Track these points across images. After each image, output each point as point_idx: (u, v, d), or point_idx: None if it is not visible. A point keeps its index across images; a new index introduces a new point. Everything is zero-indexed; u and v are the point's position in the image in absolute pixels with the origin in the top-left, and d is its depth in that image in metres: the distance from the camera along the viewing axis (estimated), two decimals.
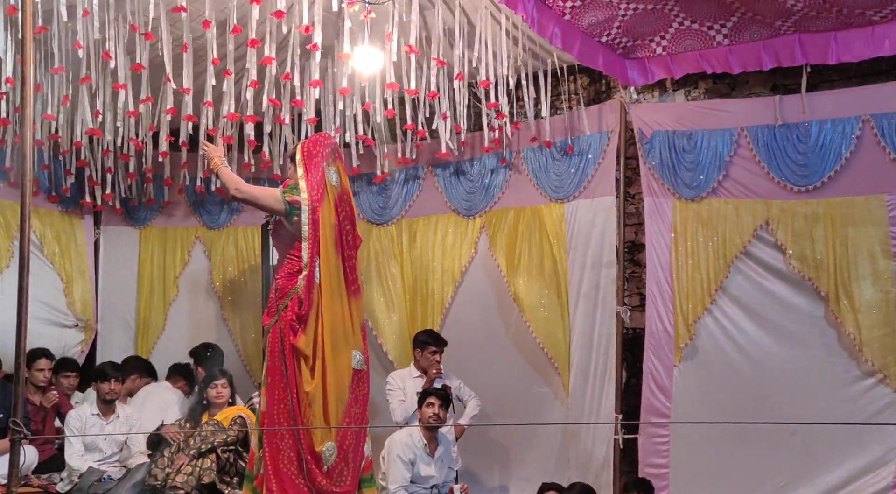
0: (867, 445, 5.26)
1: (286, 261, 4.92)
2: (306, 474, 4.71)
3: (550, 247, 6.24)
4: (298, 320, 4.78)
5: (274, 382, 4.72)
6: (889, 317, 5.27)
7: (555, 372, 6.18)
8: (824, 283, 5.41)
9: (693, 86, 5.98)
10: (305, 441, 4.71)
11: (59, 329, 6.90)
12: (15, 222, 6.32)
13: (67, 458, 5.69)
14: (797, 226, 5.50)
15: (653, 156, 5.87)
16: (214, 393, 5.61)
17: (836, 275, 5.38)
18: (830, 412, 5.28)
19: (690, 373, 5.72)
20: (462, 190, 6.70)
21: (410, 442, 5.44)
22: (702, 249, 5.74)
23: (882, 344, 5.26)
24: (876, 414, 5.23)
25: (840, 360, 5.38)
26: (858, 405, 5.30)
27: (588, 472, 5.88)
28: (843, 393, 5.35)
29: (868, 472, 5.25)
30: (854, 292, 5.33)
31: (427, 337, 6.15)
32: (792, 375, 5.46)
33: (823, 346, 5.43)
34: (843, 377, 5.36)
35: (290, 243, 4.94)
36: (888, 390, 5.25)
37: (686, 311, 5.74)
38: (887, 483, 5.18)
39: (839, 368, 5.37)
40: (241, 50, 5.25)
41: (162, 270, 7.47)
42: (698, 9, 5.16)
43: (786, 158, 5.54)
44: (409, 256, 6.89)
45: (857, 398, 5.32)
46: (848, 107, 5.41)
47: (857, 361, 5.33)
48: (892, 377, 5.24)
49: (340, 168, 5.14)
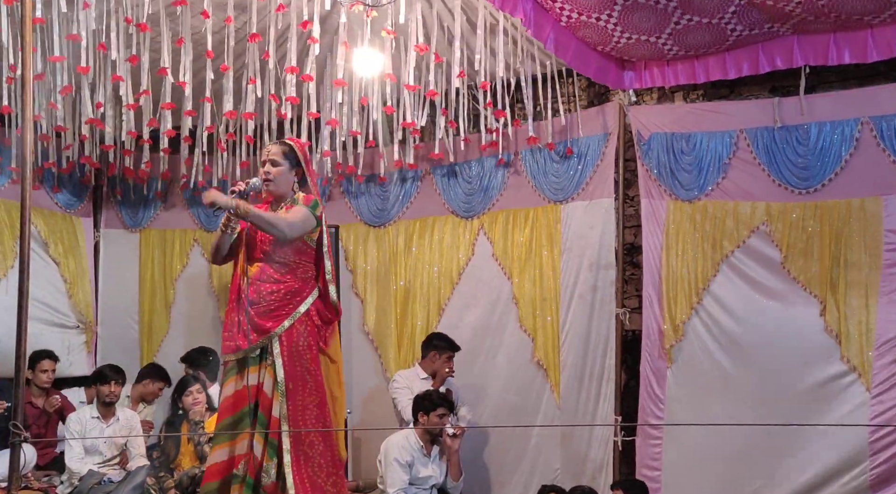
0: (840, 445, 5.25)
1: (296, 266, 4.50)
2: (336, 481, 4.51)
3: (545, 248, 6.25)
4: (327, 324, 4.59)
5: (297, 387, 4.40)
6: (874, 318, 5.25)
7: (545, 373, 6.19)
8: (816, 285, 5.40)
9: (692, 88, 5.98)
10: (335, 447, 4.52)
11: (60, 331, 6.91)
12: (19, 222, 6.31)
13: (67, 461, 5.70)
14: (794, 227, 5.49)
15: (651, 158, 5.88)
16: (190, 400, 5.59)
17: (830, 276, 5.37)
18: (804, 411, 5.28)
19: (681, 374, 5.73)
20: (460, 192, 6.70)
21: (407, 445, 5.44)
22: (691, 250, 5.75)
23: (860, 345, 5.25)
24: (849, 414, 5.21)
25: (818, 360, 5.35)
26: (832, 406, 5.29)
27: (583, 475, 5.89)
28: (818, 393, 5.34)
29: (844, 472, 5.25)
30: (845, 293, 5.31)
31: (446, 343, 6.11)
32: (776, 376, 5.44)
33: (803, 348, 5.39)
34: (817, 376, 5.35)
35: (298, 249, 4.52)
36: (862, 388, 5.24)
37: (674, 312, 5.75)
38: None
39: (815, 368, 5.35)
40: (241, 46, 5.27)
41: (162, 272, 7.50)
42: (693, 39, 5.22)
43: (786, 161, 5.53)
44: (406, 257, 6.89)
45: (831, 399, 5.31)
46: (847, 109, 5.40)
47: (835, 361, 5.31)
48: (866, 377, 5.23)
49: None
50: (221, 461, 4.37)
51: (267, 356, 4.39)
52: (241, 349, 4.38)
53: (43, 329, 6.62)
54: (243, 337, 4.35)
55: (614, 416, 5.87)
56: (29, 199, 3.64)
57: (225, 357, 4.49)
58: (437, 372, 6.02)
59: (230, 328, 4.44)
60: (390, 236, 6.97)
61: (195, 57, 5.32)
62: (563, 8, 5.03)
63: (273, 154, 4.49)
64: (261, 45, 5.27)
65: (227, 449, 4.40)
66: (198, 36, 5.27)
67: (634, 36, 5.23)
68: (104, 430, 5.80)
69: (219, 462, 4.38)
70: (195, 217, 7.50)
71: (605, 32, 5.21)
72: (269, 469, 4.34)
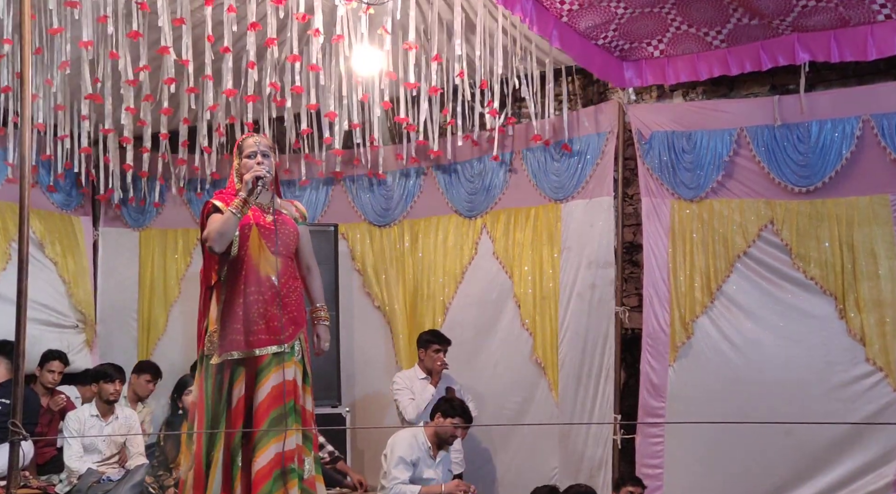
0: (867, 444, 5.25)
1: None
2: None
3: (545, 247, 6.26)
4: None
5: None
6: (894, 316, 5.25)
7: (543, 371, 6.20)
8: (830, 282, 5.40)
9: (691, 87, 5.99)
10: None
11: (59, 331, 6.91)
12: (13, 223, 6.29)
13: (66, 459, 5.69)
14: (801, 226, 5.49)
15: (651, 156, 5.87)
16: (190, 400, 5.57)
17: (842, 275, 5.37)
18: (829, 411, 5.27)
19: (685, 373, 5.72)
20: (463, 191, 6.73)
21: (415, 443, 5.41)
22: (700, 249, 5.74)
23: (883, 344, 5.25)
24: (877, 413, 5.21)
25: (841, 360, 5.36)
26: (857, 405, 5.29)
27: (580, 473, 5.89)
28: (843, 393, 5.33)
29: (869, 471, 5.24)
30: (860, 291, 5.32)
31: (430, 336, 6.19)
32: (790, 375, 5.44)
33: (823, 346, 5.41)
34: (842, 377, 5.35)
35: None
36: (889, 389, 5.23)
37: (683, 311, 5.73)
38: (888, 481, 5.17)
39: (838, 368, 5.36)
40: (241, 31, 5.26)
41: (163, 271, 7.48)
42: (695, 12, 5.16)
43: (786, 159, 5.53)
44: (410, 257, 6.91)
45: (855, 398, 5.31)
46: (847, 107, 5.40)
47: (858, 361, 5.31)
48: (893, 377, 5.22)
49: None
50: (269, 461, 4.06)
51: (296, 351, 4.23)
52: (280, 344, 4.14)
53: (42, 331, 6.60)
54: (278, 332, 4.12)
55: (613, 415, 5.87)
56: (28, 197, 3.63)
57: (244, 354, 4.12)
58: (431, 368, 6.04)
59: (256, 323, 4.13)
60: (395, 235, 6.98)
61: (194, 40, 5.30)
62: (564, 1, 5.02)
63: (265, 146, 4.24)
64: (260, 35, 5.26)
65: (274, 447, 4.08)
66: (198, 21, 5.26)
67: (638, 9, 5.17)
68: (103, 428, 5.80)
69: (266, 463, 4.06)
70: (195, 216, 7.50)
71: (608, 11, 5.16)
72: (310, 462, 4.25)
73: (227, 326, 4.15)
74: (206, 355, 4.20)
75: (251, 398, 4.11)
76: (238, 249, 4.17)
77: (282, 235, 4.23)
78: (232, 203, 4.09)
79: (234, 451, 4.08)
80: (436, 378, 6.04)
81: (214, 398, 4.14)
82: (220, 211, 4.13)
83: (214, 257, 4.20)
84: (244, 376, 4.12)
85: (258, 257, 4.18)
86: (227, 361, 4.12)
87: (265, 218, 4.22)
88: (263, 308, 4.14)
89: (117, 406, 5.97)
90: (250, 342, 4.11)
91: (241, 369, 4.12)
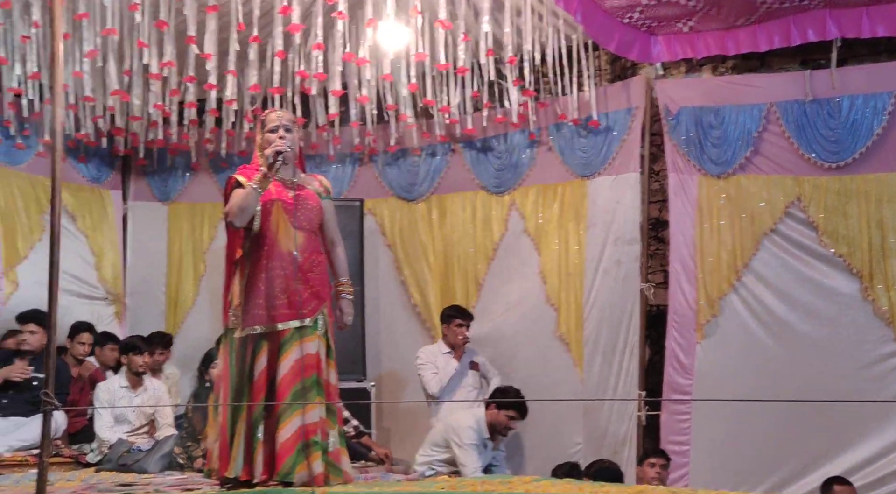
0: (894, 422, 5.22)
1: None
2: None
3: (571, 223, 6.26)
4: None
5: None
6: None
7: (567, 347, 6.22)
8: (857, 260, 5.35)
9: (720, 61, 5.91)
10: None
11: (89, 303, 7.01)
12: (45, 197, 6.38)
13: (97, 429, 5.79)
14: (829, 203, 5.44)
15: (679, 132, 5.83)
16: (216, 372, 5.62)
17: (870, 252, 5.33)
18: (857, 389, 5.23)
19: (713, 350, 5.70)
20: (490, 167, 6.74)
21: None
22: (727, 225, 5.70)
23: None
24: None
25: (870, 338, 5.33)
26: (886, 383, 5.25)
27: (604, 449, 5.90)
28: (872, 371, 5.30)
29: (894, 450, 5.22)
30: (888, 269, 5.28)
31: (452, 311, 6.25)
32: (819, 353, 5.41)
33: (853, 324, 5.38)
34: (870, 354, 5.32)
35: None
36: None
37: (710, 288, 5.71)
38: None
39: (867, 346, 5.33)
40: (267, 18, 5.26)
41: (191, 245, 7.53)
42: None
43: (816, 135, 5.47)
44: (439, 232, 6.95)
45: (885, 376, 5.27)
46: (879, 82, 5.34)
47: (888, 338, 5.28)
48: None
49: None
50: (292, 434, 4.06)
51: (319, 325, 4.21)
52: (301, 318, 4.14)
53: (73, 302, 6.70)
54: (298, 307, 4.11)
55: (638, 391, 5.87)
56: (59, 171, 3.66)
57: (267, 328, 4.11)
58: (454, 342, 6.08)
59: (278, 297, 4.12)
60: (422, 211, 7.01)
61: (220, 27, 5.32)
62: None
63: (287, 120, 4.24)
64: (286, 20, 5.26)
65: (297, 420, 4.07)
66: (224, 8, 5.28)
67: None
68: (133, 399, 5.90)
69: (290, 435, 4.05)
70: (222, 190, 7.53)
71: None
72: (335, 436, 4.24)
73: (250, 300, 4.16)
74: (230, 328, 4.23)
75: (273, 371, 4.12)
76: (260, 224, 4.17)
77: (303, 209, 4.23)
78: (253, 178, 4.11)
79: (254, 424, 4.09)
80: (459, 353, 6.11)
81: (238, 372, 4.17)
82: (242, 186, 4.15)
83: (238, 231, 4.22)
84: (266, 350, 4.13)
85: (280, 232, 4.18)
86: (250, 335, 4.14)
87: (287, 193, 4.22)
88: (285, 283, 4.14)
89: (146, 378, 6.06)
90: (272, 317, 4.12)
91: (263, 343, 4.14)
